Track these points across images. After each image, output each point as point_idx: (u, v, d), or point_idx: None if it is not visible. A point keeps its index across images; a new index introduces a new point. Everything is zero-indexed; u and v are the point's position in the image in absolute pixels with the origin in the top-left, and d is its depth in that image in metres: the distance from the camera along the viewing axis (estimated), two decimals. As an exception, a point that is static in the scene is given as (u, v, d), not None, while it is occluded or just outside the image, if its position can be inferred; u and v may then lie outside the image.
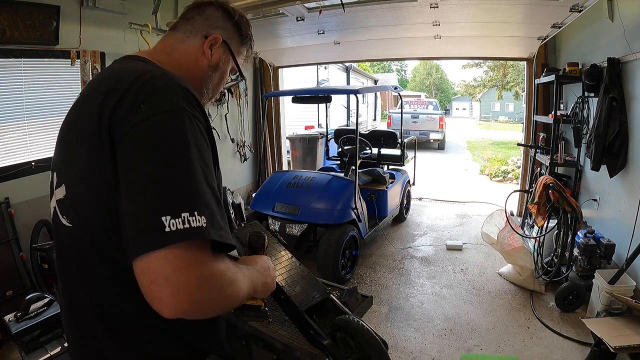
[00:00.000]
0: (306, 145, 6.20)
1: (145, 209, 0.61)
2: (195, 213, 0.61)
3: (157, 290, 0.59)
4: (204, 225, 0.61)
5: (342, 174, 4.25)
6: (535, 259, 3.28)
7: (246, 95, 5.61)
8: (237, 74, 0.98)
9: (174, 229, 0.59)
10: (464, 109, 39.03)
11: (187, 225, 0.60)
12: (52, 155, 0.83)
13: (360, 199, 3.66)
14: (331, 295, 1.41)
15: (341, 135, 5.06)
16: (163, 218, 0.59)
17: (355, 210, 3.49)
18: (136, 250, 0.60)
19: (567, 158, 3.86)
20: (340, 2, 2.74)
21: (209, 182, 0.66)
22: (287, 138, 6.50)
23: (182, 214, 0.60)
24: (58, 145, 0.81)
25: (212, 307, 0.66)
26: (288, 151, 6.62)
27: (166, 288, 0.59)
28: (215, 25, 0.90)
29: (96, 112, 0.69)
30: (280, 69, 6.09)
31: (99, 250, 0.73)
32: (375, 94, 20.87)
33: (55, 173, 0.80)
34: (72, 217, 0.75)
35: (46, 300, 2.34)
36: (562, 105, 4.12)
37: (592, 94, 3.32)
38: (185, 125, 0.66)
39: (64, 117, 0.82)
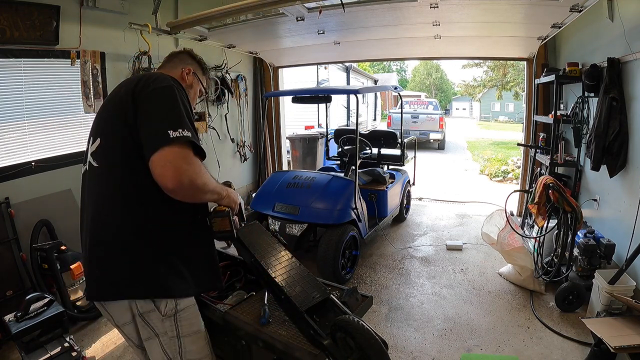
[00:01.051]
0: (306, 145, 6.20)
1: (158, 127, 1.11)
2: (185, 130, 1.12)
3: (165, 169, 1.06)
4: (189, 136, 1.12)
5: (342, 174, 4.24)
6: (535, 259, 3.28)
7: (246, 95, 5.61)
8: (208, 88, 1.61)
9: (174, 136, 1.08)
10: (464, 109, 39.04)
11: (181, 135, 1.10)
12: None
13: (360, 199, 3.65)
14: (331, 295, 1.41)
15: (341, 135, 5.05)
16: (169, 131, 1.09)
17: (355, 210, 3.49)
18: (153, 148, 1.07)
19: (567, 158, 3.86)
20: (340, 2, 2.73)
21: (189, 119, 1.19)
22: (287, 138, 6.50)
23: (178, 129, 1.10)
24: (96, 119, 1.32)
25: (196, 183, 1.11)
26: (288, 151, 6.62)
27: (170, 169, 1.06)
28: (187, 62, 1.50)
29: (127, 88, 1.22)
30: (280, 69, 6.09)
31: (115, 178, 1.19)
32: (375, 94, 20.87)
33: (91, 138, 1.28)
34: (100, 160, 1.22)
35: (46, 300, 2.34)
36: (562, 105, 4.12)
37: (592, 94, 3.32)
38: (175, 91, 1.21)
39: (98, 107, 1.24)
